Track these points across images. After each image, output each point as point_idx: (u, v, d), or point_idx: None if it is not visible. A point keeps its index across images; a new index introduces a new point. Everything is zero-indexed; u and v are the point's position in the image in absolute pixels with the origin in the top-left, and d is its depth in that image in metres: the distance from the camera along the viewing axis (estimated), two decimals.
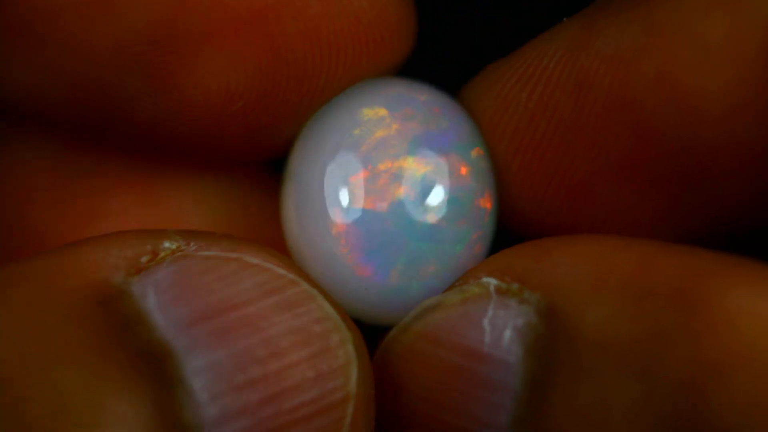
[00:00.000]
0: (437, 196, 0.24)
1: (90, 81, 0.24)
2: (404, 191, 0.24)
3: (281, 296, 0.23)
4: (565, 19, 0.25)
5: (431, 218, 0.24)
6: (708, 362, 0.21)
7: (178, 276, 0.22)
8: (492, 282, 0.24)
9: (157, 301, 0.22)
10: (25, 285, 0.22)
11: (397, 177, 0.24)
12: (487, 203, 0.25)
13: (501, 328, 0.23)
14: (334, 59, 0.25)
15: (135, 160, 0.26)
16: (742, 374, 0.20)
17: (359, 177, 0.24)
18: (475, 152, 0.25)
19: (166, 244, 0.23)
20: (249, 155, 0.26)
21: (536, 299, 0.23)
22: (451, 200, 0.24)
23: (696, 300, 0.21)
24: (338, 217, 0.24)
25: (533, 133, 0.25)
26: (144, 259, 0.23)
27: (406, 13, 0.26)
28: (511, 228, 0.26)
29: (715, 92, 0.23)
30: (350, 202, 0.24)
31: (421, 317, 0.24)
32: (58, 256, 0.23)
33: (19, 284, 0.22)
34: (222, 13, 0.23)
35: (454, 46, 0.31)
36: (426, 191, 0.24)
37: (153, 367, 0.21)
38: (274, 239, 0.25)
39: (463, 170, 0.25)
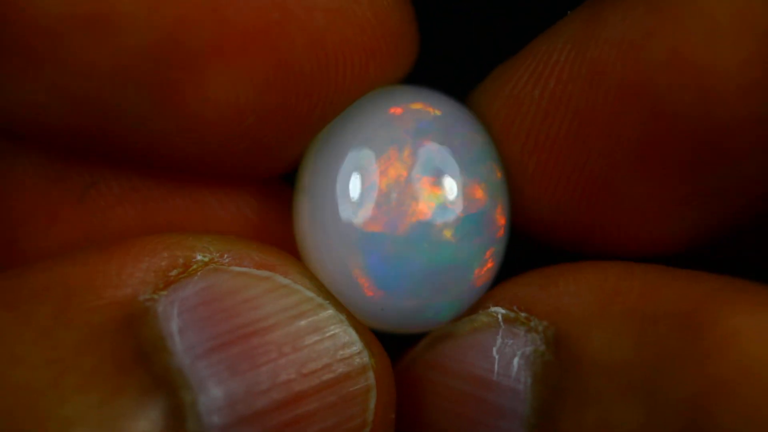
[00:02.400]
0: (451, 216, 0.24)
1: (91, 101, 0.23)
2: (418, 210, 0.24)
3: (308, 320, 0.23)
4: (569, 12, 0.25)
5: (445, 237, 0.24)
6: (714, 379, 0.21)
7: (206, 294, 0.22)
8: (500, 311, 0.24)
9: (179, 323, 0.22)
10: (47, 301, 0.22)
11: (409, 195, 0.24)
12: (501, 218, 0.25)
13: (510, 356, 0.24)
14: (341, 71, 0.24)
15: (138, 176, 0.26)
16: (748, 389, 0.21)
17: (372, 193, 0.24)
18: (488, 166, 0.25)
19: (199, 257, 0.23)
20: (259, 172, 0.26)
21: (543, 327, 0.24)
22: (466, 219, 0.24)
23: (701, 322, 0.22)
24: (352, 234, 0.24)
25: (548, 130, 0.24)
26: (174, 272, 0.23)
27: (407, 20, 0.25)
28: (528, 231, 0.26)
29: (727, 69, 0.22)
30: (363, 219, 0.24)
31: (431, 347, 0.25)
32: (86, 266, 0.23)
33: (40, 299, 0.22)
34: (227, 29, 0.23)
35: (460, 49, 0.31)
36: (440, 210, 0.24)
37: (167, 395, 0.22)
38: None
39: (477, 188, 0.25)
